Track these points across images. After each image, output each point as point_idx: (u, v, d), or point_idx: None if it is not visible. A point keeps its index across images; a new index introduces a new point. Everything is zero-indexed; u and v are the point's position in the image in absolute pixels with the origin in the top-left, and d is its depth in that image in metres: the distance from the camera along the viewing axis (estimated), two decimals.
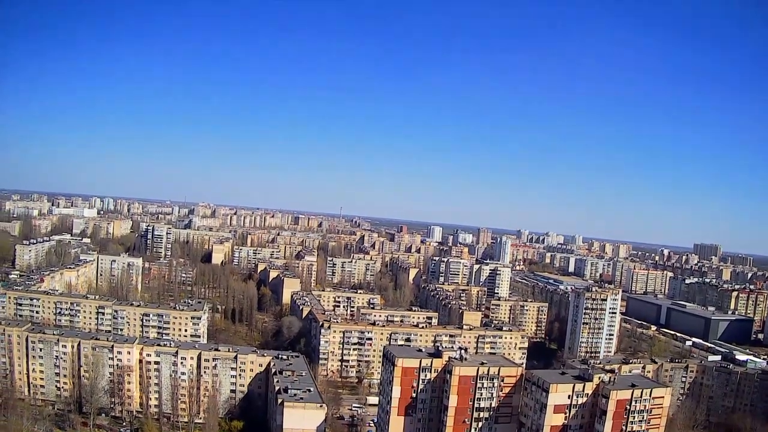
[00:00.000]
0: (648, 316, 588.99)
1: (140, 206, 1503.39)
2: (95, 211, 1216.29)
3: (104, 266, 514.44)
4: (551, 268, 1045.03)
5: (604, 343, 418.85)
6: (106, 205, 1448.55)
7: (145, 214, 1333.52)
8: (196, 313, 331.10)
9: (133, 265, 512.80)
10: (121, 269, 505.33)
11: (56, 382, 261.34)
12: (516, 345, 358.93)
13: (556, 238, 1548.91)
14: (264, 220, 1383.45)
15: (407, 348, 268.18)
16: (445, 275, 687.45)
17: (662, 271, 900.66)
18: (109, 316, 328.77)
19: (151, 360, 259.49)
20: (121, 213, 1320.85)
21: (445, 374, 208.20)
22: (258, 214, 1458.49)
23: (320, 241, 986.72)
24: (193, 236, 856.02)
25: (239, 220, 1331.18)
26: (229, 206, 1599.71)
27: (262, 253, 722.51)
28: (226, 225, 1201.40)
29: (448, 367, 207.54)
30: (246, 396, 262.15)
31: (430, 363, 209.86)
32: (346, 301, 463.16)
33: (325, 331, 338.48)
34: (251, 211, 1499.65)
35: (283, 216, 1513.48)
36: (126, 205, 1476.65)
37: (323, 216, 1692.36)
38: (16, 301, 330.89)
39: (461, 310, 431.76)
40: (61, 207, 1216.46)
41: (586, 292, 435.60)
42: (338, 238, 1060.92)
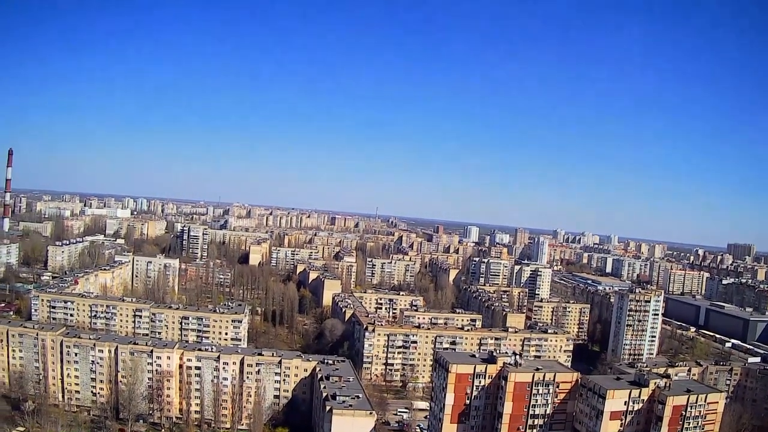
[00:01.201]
0: (686, 317, 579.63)
1: (174, 206, 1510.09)
2: (128, 212, 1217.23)
3: (140, 267, 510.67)
4: (588, 268, 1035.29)
5: (647, 346, 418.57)
6: (139, 205, 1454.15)
7: (179, 215, 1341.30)
8: (237, 316, 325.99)
9: (169, 266, 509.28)
10: (157, 271, 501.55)
11: (92, 388, 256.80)
12: (561, 348, 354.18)
13: (592, 238, 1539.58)
14: (300, 221, 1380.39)
15: (460, 353, 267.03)
16: (485, 276, 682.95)
17: (699, 272, 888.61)
18: (147, 319, 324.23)
19: (191, 365, 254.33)
20: (154, 213, 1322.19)
21: (500, 380, 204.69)
22: (294, 214, 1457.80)
23: (358, 241, 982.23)
24: (230, 237, 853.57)
25: (275, 220, 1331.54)
26: (264, 206, 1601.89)
27: (301, 254, 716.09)
28: (262, 225, 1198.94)
29: (503, 373, 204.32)
30: (290, 402, 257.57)
31: (485, 369, 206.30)
32: (388, 302, 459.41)
33: (369, 335, 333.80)
34: (286, 212, 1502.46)
35: (319, 216, 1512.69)
36: (160, 205, 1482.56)
37: (359, 216, 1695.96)
38: (50, 304, 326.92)
39: (505, 312, 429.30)
40: (93, 208, 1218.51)
41: (630, 293, 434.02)
42: (376, 239, 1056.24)
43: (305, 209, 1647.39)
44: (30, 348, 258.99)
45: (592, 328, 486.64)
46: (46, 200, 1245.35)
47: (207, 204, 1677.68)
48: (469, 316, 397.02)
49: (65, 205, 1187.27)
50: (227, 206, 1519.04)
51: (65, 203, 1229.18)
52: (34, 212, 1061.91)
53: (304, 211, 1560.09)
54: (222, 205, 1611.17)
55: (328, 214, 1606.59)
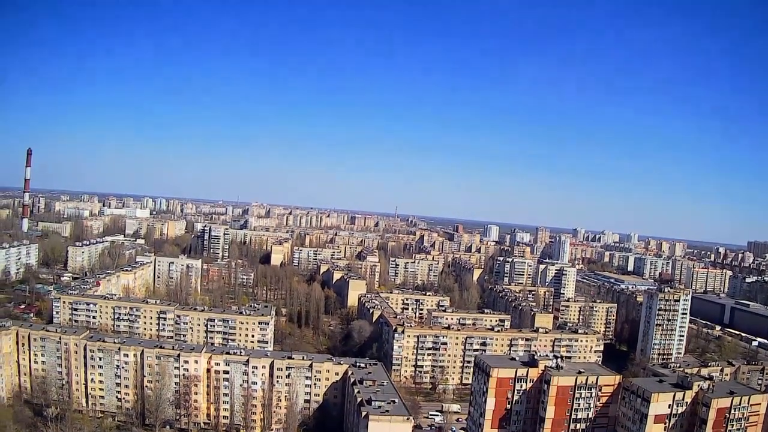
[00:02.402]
0: (711, 315, 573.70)
1: (193, 206, 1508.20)
2: (147, 212, 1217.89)
3: (161, 268, 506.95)
4: (610, 267, 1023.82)
5: (676, 345, 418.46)
6: (158, 205, 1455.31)
7: (198, 215, 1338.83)
8: (264, 318, 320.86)
9: (192, 266, 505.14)
10: (179, 272, 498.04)
11: (117, 393, 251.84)
12: (591, 348, 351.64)
13: (612, 237, 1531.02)
14: (320, 220, 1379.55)
15: (499, 357, 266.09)
16: (509, 275, 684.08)
17: (721, 270, 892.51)
18: (171, 321, 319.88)
19: (220, 369, 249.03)
20: (174, 213, 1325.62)
21: (542, 384, 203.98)
22: (313, 213, 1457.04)
23: (379, 241, 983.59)
24: (251, 237, 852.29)
25: (295, 220, 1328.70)
26: (283, 206, 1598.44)
27: (323, 254, 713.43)
28: (282, 225, 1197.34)
29: (545, 377, 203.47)
30: (321, 406, 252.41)
31: (526, 373, 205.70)
32: (414, 303, 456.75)
33: (398, 336, 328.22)
34: (306, 211, 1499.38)
35: (338, 216, 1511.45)
36: (179, 205, 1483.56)
37: (379, 215, 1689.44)
38: (72, 306, 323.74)
39: (533, 312, 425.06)
40: (112, 207, 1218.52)
41: (660, 293, 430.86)
42: (397, 238, 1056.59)
43: (324, 208, 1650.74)
44: (52, 352, 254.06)
45: (620, 327, 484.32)
46: (64, 200, 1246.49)
47: (226, 204, 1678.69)
48: (498, 317, 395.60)
49: (84, 205, 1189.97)
50: (246, 206, 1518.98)
51: (84, 203, 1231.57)
52: (53, 212, 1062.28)
53: (324, 211, 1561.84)
54: (241, 204, 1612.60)
55: (347, 213, 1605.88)
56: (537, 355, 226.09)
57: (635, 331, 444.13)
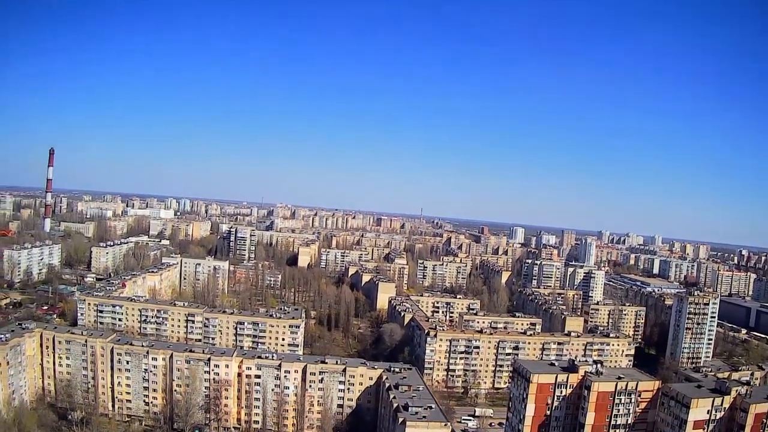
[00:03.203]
0: (736, 318, 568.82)
1: (218, 207, 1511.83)
2: (172, 213, 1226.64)
3: (188, 270, 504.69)
4: (635, 269, 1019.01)
5: (705, 349, 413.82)
6: (182, 206, 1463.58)
7: (223, 216, 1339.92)
8: (295, 321, 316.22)
9: (219, 268, 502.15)
10: (206, 273, 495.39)
11: (144, 397, 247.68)
12: (623, 352, 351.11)
13: (636, 239, 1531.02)
14: (346, 222, 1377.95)
15: (538, 362, 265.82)
16: (537, 278, 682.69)
17: (745, 273, 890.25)
18: (200, 324, 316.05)
19: (251, 374, 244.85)
20: (198, 214, 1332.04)
21: (582, 390, 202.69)
22: (339, 215, 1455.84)
23: (406, 243, 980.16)
24: (277, 238, 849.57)
25: (321, 221, 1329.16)
26: (308, 207, 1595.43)
27: (351, 256, 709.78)
28: (308, 226, 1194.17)
29: (585, 382, 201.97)
30: (354, 411, 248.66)
31: (566, 378, 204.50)
32: (445, 306, 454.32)
33: (431, 340, 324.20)
34: (331, 212, 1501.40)
35: (364, 217, 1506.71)
36: (203, 206, 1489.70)
37: (403, 217, 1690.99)
38: (97, 308, 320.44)
39: (563, 315, 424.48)
40: (135, 208, 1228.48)
41: (689, 296, 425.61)
42: (423, 240, 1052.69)
43: (349, 210, 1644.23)
44: (78, 355, 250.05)
45: (648, 331, 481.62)
46: (86, 200, 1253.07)
47: (250, 205, 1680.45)
48: (529, 320, 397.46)
49: (107, 205, 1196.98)
50: (271, 207, 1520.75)
51: (107, 203, 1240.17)
52: (75, 212, 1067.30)
53: (349, 212, 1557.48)
54: (265, 205, 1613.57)
55: (372, 215, 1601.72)
56: (577, 360, 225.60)
57: (664, 334, 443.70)
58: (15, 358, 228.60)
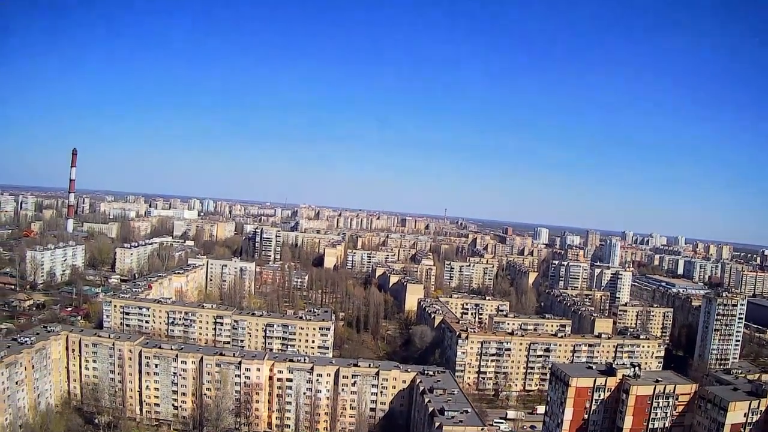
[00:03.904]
0: (762, 319, 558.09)
1: (242, 208, 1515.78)
2: (195, 213, 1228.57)
3: (214, 271, 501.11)
4: (660, 270, 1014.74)
5: (733, 350, 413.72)
6: (205, 206, 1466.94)
7: (247, 216, 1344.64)
8: (325, 324, 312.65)
9: (246, 269, 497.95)
10: (233, 274, 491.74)
11: (173, 401, 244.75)
12: (653, 354, 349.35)
13: (659, 240, 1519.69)
14: (370, 222, 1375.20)
15: (576, 366, 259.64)
16: (564, 279, 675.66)
17: None
18: (228, 326, 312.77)
19: (282, 377, 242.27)
20: (221, 215, 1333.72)
21: (620, 393, 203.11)
22: (363, 215, 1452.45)
23: (431, 243, 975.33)
24: (302, 239, 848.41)
25: (345, 222, 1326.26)
26: (332, 208, 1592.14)
27: (377, 257, 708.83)
28: (333, 227, 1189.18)
29: (623, 386, 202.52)
30: (387, 415, 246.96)
31: (604, 382, 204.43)
32: (474, 307, 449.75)
33: (462, 342, 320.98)
34: (355, 213, 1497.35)
35: (388, 218, 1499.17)
36: (227, 206, 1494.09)
37: (427, 217, 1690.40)
38: (123, 310, 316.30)
39: (593, 317, 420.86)
40: (158, 209, 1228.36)
41: (718, 298, 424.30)
42: (449, 241, 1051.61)
43: (373, 210, 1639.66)
44: (105, 358, 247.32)
45: (676, 332, 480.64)
46: (109, 201, 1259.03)
47: (274, 205, 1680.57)
48: (558, 322, 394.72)
49: (130, 205, 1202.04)
50: (294, 207, 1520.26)
51: (129, 204, 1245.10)
52: (98, 213, 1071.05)
53: (373, 213, 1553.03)
54: (289, 206, 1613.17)
55: (396, 215, 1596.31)
56: (614, 363, 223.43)
57: (692, 336, 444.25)
58: (40, 361, 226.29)
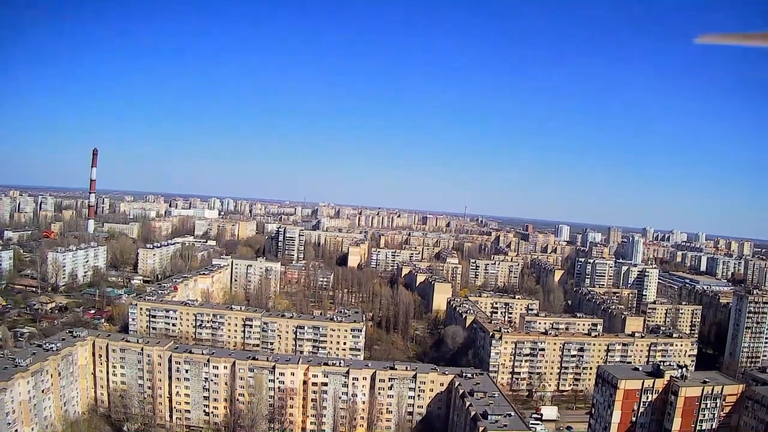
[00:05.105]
0: None
1: (262, 207, 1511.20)
2: (216, 213, 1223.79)
3: (239, 271, 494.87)
4: (682, 266, 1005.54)
5: (764, 348, 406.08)
6: (225, 206, 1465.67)
7: (267, 215, 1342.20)
8: (357, 325, 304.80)
9: (271, 269, 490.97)
10: (258, 275, 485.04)
11: (204, 407, 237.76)
12: (686, 353, 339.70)
13: (680, 236, 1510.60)
14: (392, 221, 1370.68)
15: (622, 367, 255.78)
16: (590, 277, 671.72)
17: None
18: (258, 328, 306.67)
19: (317, 381, 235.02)
20: (242, 214, 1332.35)
21: (668, 395, 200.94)
22: (384, 214, 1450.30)
23: (454, 241, 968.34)
24: (325, 238, 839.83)
25: (366, 220, 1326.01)
26: (352, 206, 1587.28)
27: (401, 256, 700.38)
28: (354, 225, 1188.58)
29: (672, 387, 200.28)
30: (424, 418, 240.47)
31: (652, 384, 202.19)
32: (503, 306, 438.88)
33: (495, 342, 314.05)
34: (376, 211, 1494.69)
35: (409, 216, 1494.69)
36: (247, 205, 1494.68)
37: (447, 215, 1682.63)
38: (149, 312, 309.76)
39: (623, 315, 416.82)
40: (179, 208, 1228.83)
41: (749, 295, 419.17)
42: (471, 239, 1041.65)
43: (392, 208, 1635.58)
44: (133, 364, 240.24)
45: (707, 330, 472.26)
46: (129, 201, 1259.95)
47: (293, 204, 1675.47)
48: (590, 321, 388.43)
49: (150, 205, 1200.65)
50: (314, 206, 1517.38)
51: (149, 204, 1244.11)
52: (118, 213, 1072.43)
53: (393, 211, 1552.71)
54: (308, 204, 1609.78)
55: (416, 213, 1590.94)
56: (663, 364, 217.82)
57: (722, 333, 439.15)
58: (67, 368, 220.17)
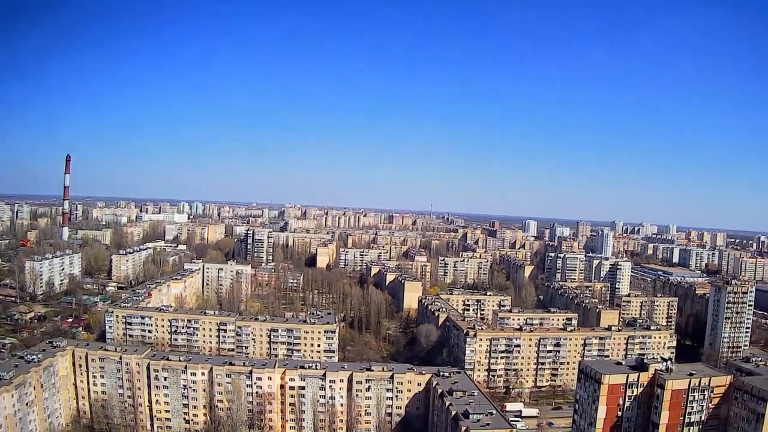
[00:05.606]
0: (766, 305, 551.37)
1: (230, 210, 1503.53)
2: (185, 217, 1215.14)
3: (210, 275, 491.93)
4: (654, 259, 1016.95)
5: (744, 338, 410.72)
6: (194, 209, 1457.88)
7: (236, 218, 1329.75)
8: (330, 326, 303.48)
9: (242, 273, 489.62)
10: (230, 278, 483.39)
11: (184, 415, 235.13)
12: (665, 345, 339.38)
13: (650, 229, 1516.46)
14: (358, 220, 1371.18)
15: (605, 362, 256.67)
16: (561, 271, 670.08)
17: None
18: (232, 333, 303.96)
19: (295, 385, 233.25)
20: (211, 217, 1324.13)
21: (654, 389, 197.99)
22: (350, 213, 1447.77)
23: (422, 239, 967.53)
24: (293, 239, 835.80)
25: (333, 220, 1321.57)
26: (317, 206, 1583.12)
27: (370, 255, 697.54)
28: (321, 226, 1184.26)
29: (657, 381, 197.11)
30: (403, 419, 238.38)
31: (637, 377, 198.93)
32: (475, 303, 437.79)
33: (470, 340, 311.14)
34: (342, 211, 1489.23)
35: (375, 215, 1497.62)
36: (216, 208, 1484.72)
37: (413, 213, 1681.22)
38: (126, 320, 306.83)
39: (598, 309, 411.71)
40: (149, 213, 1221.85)
41: (728, 285, 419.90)
42: (438, 236, 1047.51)
43: (359, 208, 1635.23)
44: (113, 373, 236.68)
45: (684, 321, 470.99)
46: (101, 207, 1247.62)
47: (260, 206, 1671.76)
48: (564, 315, 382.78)
49: (121, 211, 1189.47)
50: (281, 207, 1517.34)
51: (121, 209, 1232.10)
52: (91, 219, 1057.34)
53: (360, 210, 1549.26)
54: (275, 206, 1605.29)
55: (382, 212, 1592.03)
56: (647, 358, 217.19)
57: (699, 325, 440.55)
58: (49, 379, 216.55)
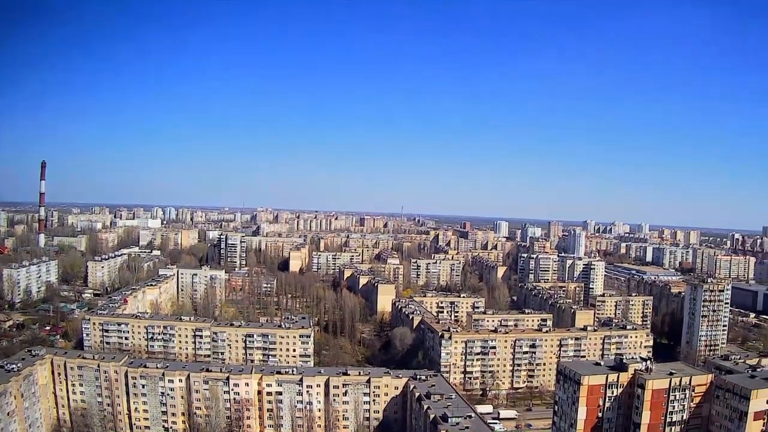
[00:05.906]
0: (743, 303, 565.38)
1: (203, 214, 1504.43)
2: (158, 222, 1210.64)
3: (185, 281, 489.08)
4: (627, 258, 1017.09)
5: (721, 336, 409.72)
6: (168, 214, 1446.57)
7: (208, 222, 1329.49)
8: (305, 331, 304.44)
9: (216, 278, 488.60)
10: (204, 284, 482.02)
11: (163, 422, 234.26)
12: (641, 344, 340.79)
13: (623, 228, 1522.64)
14: (329, 223, 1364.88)
15: (583, 363, 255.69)
16: (534, 272, 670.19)
17: (744, 257, 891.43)
18: (208, 339, 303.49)
19: (272, 390, 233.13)
20: (184, 222, 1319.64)
21: (635, 389, 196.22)
22: (321, 217, 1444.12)
23: (393, 242, 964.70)
24: (266, 243, 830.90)
25: (305, 224, 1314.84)
26: (289, 210, 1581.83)
27: (342, 258, 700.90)
28: (293, 230, 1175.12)
29: (638, 381, 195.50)
30: (381, 423, 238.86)
31: (617, 378, 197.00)
32: (449, 305, 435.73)
33: (446, 342, 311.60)
34: (313, 214, 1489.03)
35: (347, 218, 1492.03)
36: (189, 213, 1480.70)
37: (384, 215, 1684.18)
38: (102, 327, 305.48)
39: (573, 309, 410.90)
40: (123, 219, 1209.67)
41: (704, 284, 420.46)
42: (410, 238, 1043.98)
43: (330, 211, 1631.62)
44: (92, 381, 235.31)
45: (659, 320, 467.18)
46: (76, 213, 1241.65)
47: (232, 210, 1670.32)
48: (539, 316, 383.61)
49: (95, 217, 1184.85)
50: (252, 211, 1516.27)
51: (95, 215, 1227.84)
52: (66, 226, 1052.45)
53: (330, 213, 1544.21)
54: (247, 210, 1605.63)
55: (354, 215, 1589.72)
56: (626, 358, 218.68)
57: (675, 323, 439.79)
58: (29, 389, 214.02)
